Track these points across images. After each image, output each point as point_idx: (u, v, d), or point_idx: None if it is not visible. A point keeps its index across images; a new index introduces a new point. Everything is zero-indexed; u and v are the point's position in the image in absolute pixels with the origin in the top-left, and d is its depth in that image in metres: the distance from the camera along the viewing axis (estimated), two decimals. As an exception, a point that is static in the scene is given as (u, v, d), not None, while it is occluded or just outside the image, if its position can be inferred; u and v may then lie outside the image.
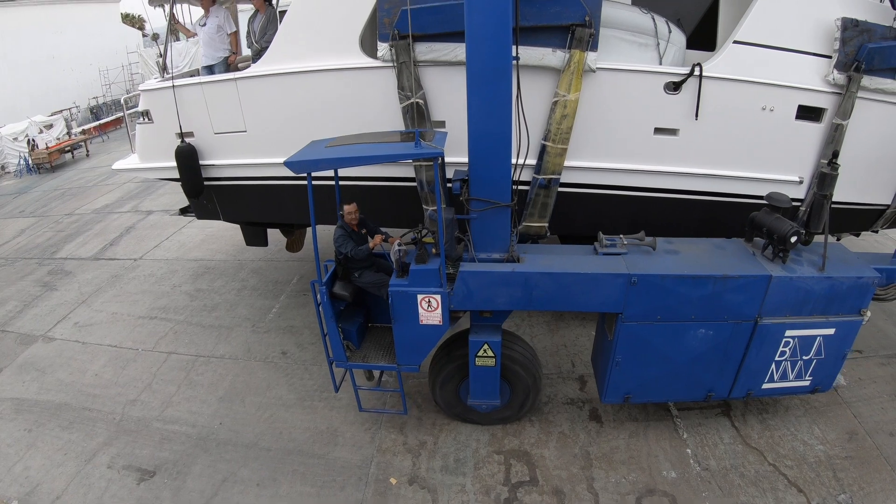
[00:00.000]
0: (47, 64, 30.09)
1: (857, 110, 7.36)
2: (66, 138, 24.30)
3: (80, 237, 14.92)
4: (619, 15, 7.19)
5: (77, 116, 28.69)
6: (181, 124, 8.15)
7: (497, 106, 5.79)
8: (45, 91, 29.13)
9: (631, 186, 7.64)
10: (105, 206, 17.19)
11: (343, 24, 7.21)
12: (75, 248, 14.17)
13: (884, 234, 10.02)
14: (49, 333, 10.20)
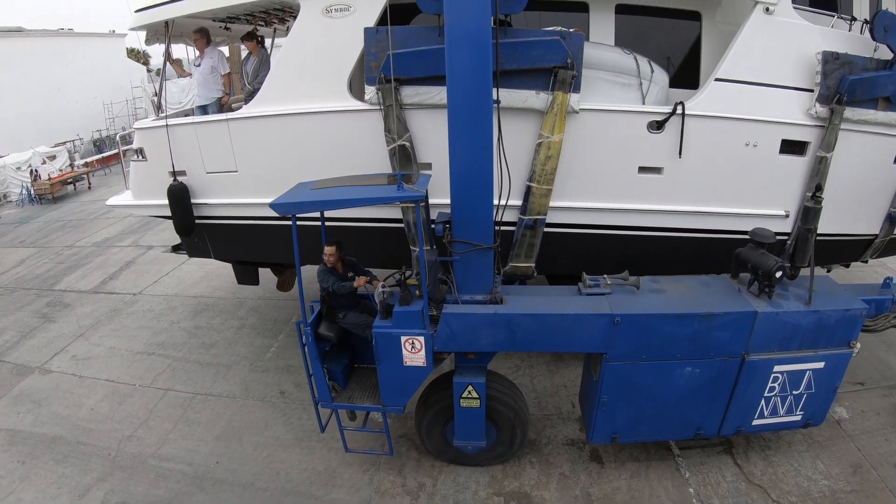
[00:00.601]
0: (53, 95, 30.63)
1: (840, 142, 7.47)
2: (68, 170, 24.62)
3: (79, 270, 15.01)
4: (601, 56, 7.29)
5: (80, 148, 29.09)
6: (174, 163, 8.27)
7: (478, 149, 5.90)
8: (50, 122, 29.62)
9: (617, 225, 7.70)
10: (105, 240, 17.32)
11: (332, 67, 7.35)
12: (75, 281, 14.23)
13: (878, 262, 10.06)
14: (46, 365, 10.20)
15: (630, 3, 7.83)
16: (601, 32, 7.88)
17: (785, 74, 7.39)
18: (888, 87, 7.46)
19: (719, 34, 7.93)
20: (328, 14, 7.22)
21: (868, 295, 7.10)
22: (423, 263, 6.03)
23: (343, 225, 7.68)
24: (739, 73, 7.27)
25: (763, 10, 7.18)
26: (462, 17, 5.70)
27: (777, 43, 7.31)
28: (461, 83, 5.78)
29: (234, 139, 7.93)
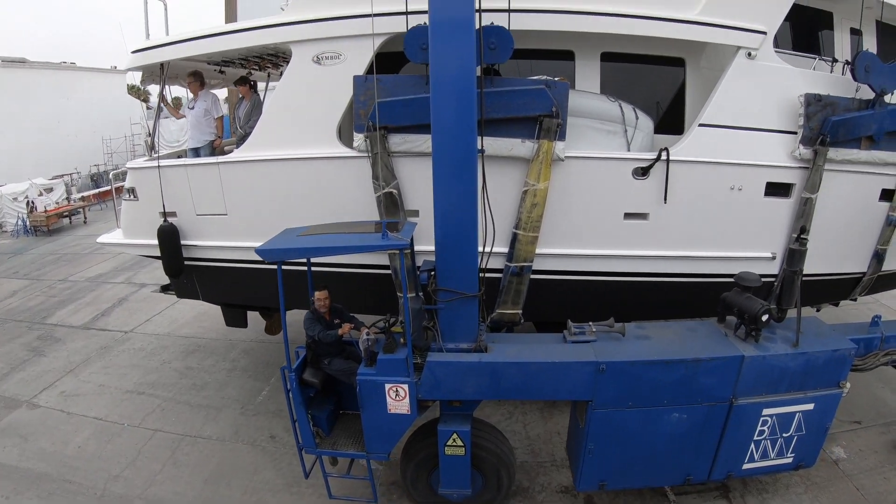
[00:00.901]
0: (52, 128, 30.84)
1: (825, 182, 7.60)
2: (65, 203, 24.70)
3: (72, 304, 14.97)
4: (586, 104, 7.41)
5: (77, 182, 29.20)
6: (165, 204, 8.31)
7: (463, 198, 5.99)
8: (49, 154, 29.76)
9: (604, 272, 7.75)
10: (99, 276, 17.31)
11: (322, 114, 7.46)
12: (67, 315, 14.19)
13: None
14: (34, 400, 10.11)
15: (615, 50, 7.95)
16: (587, 79, 8.00)
17: (768, 118, 7.54)
18: (871, 126, 7.63)
19: (703, 79, 8.06)
20: (319, 61, 7.36)
21: (856, 334, 7.16)
22: (407, 311, 6.06)
23: (331, 270, 7.70)
24: (723, 117, 7.41)
25: (745, 55, 7.37)
26: (447, 68, 5.85)
27: (759, 87, 7.49)
28: (446, 132, 5.90)
29: (224, 182, 8.00)
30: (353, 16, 7.07)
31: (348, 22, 7.15)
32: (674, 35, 7.31)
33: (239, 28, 7.94)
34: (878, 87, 7.56)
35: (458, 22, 5.82)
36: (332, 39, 7.29)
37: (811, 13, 8.55)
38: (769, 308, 6.31)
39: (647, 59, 8.08)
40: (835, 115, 7.40)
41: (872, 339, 7.24)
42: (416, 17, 6.57)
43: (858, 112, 7.59)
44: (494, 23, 6.57)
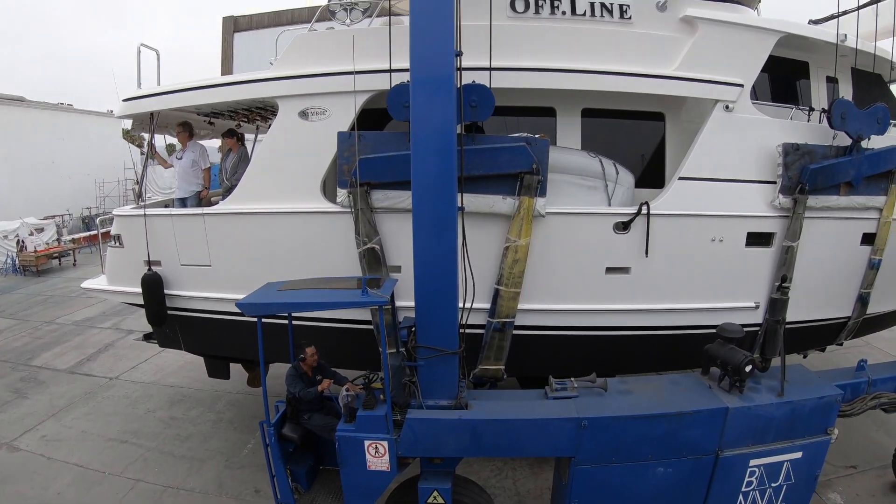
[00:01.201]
0: (46, 168, 30.98)
1: (806, 230, 7.72)
2: (55, 244, 24.67)
3: (57, 347, 14.82)
4: (566, 160, 7.53)
5: (69, 224, 29.20)
6: (150, 252, 8.33)
7: (443, 255, 6.03)
8: (41, 194, 29.85)
9: (586, 326, 7.75)
10: (86, 319, 17.18)
11: (306, 169, 7.55)
12: (51, 358, 14.03)
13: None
14: (14, 442, 9.90)
15: (595, 106, 8.13)
16: (568, 135, 8.17)
17: (747, 168, 7.70)
18: (849, 172, 7.79)
19: (683, 133, 8.23)
20: (305, 116, 7.49)
21: (842, 379, 7.22)
22: (386, 368, 6.06)
23: (314, 325, 7.70)
24: (702, 170, 7.57)
25: (723, 108, 7.59)
26: (427, 125, 5.99)
27: (738, 139, 7.66)
28: (426, 190, 6.00)
29: (209, 234, 8.04)
30: (337, 73, 7.23)
31: (333, 79, 7.31)
32: (652, 90, 7.52)
33: (227, 81, 8.14)
34: (854, 133, 7.76)
35: (438, 80, 5.97)
36: (317, 95, 7.44)
37: (788, 63, 8.83)
38: (752, 359, 6.33)
39: (628, 114, 8.27)
40: (813, 163, 7.57)
41: (859, 384, 7.30)
42: (400, 75, 6.71)
43: (836, 159, 7.76)
44: (476, 81, 6.73)
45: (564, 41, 7.49)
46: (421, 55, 5.99)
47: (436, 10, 5.98)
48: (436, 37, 5.96)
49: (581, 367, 7.08)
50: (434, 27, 5.96)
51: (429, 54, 5.98)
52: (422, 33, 5.99)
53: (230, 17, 28.06)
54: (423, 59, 5.99)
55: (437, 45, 5.96)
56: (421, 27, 6.00)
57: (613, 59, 7.43)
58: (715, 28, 7.61)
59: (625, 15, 7.61)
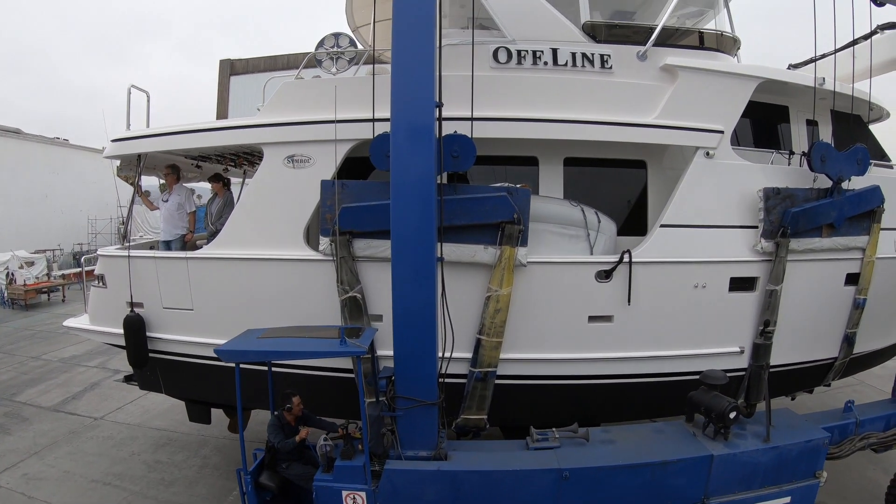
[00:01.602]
0: (39, 202, 30.95)
1: (789, 273, 7.74)
2: (45, 279, 24.50)
3: (42, 384, 14.62)
4: (548, 209, 7.57)
5: (59, 259, 29.02)
6: (132, 294, 8.27)
7: (421, 306, 6.05)
8: (33, 228, 29.79)
9: (569, 375, 7.68)
10: (73, 357, 16.98)
11: (290, 216, 7.57)
12: (36, 395, 13.82)
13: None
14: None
15: (577, 155, 8.21)
16: (551, 184, 8.23)
17: (729, 214, 7.75)
18: (830, 214, 7.85)
19: (666, 179, 8.31)
20: (289, 164, 7.53)
21: (830, 421, 7.18)
22: (364, 418, 6.02)
23: (296, 372, 7.65)
24: (684, 217, 7.61)
25: (703, 154, 7.66)
26: (406, 175, 6.06)
27: (719, 185, 7.74)
28: (405, 240, 6.05)
29: (192, 278, 8.01)
30: (321, 121, 7.31)
31: (317, 127, 7.39)
32: (634, 139, 7.61)
33: (214, 127, 8.21)
34: (834, 175, 7.86)
35: (418, 131, 6.08)
36: (301, 143, 7.50)
37: (768, 108, 8.98)
38: (736, 405, 6.32)
39: (610, 162, 8.35)
40: (794, 207, 7.64)
41: (847, 425, 7.28)
42: (383, 125, 6.72)
43: (818, 201, 7.82)
44: (458, 131, 6.80)
45: (546, 91, 7.61)
46: (401, 106, 6.09)
47: (416, 62, 6.11)
48: (416, 88, 6.08)
49: (565, 416, 7.05)
50: (414, 78, 6.09)
51: (409, 105, 6.09)
52: (402, 84, 6.10)
53: (227, 60, 28.48)
54: (404, 109, 6.10)
55: (417, 95, 6.07)
56: (401, 78, 6.12)
57: (595, 108, 7.54)
58: (695, 76, 7.74)
59: (606, 65, 7.75)
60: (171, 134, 8.25)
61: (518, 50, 7.67)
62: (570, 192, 8.23)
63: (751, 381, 6.81)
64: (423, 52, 6.08)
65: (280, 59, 26.74)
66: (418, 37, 6.13)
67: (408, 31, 6.16)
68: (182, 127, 8.23)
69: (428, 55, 6.07)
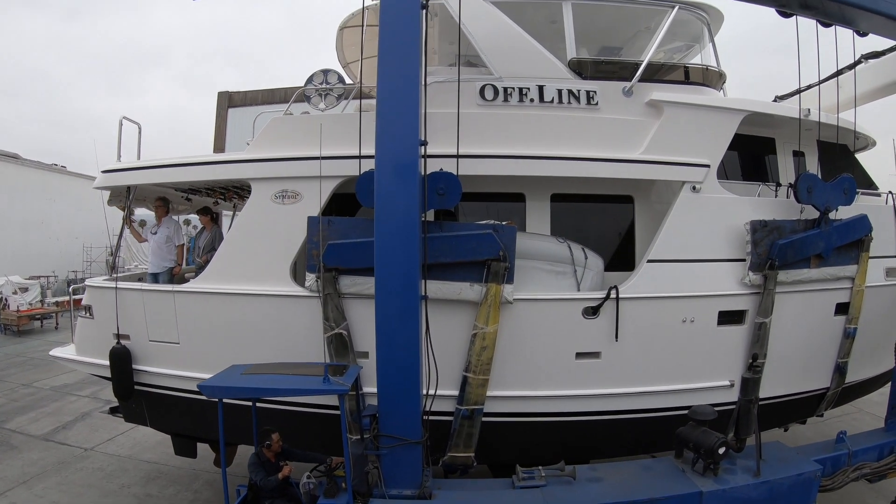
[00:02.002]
0: (35, 228, 30.89)
1: (778, 305, 7.73)
2: (38, 305, 24.33)
3: (32, 412, 14.45)
4: (535, 246, 7.58)
5: (53, 286, 28.82)
6: (119, 326, 8.23)
7: (405, 343, 6.09)
8: (28, 253, 29.69)
9: (557, 412, 7.61)
10: (64, 386, 16.79)
11: (277, 251, 7.56)
12: (26, 423, 13.67)
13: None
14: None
15: (564, 192, 8.25)
16: (537, 220, 8.26)
17: (716, 248, 7.76)
18: (818, 244, 7.87)
19: (654, 214, 8.34)
20: (277, 199, 7.55)
21: (822, 453, 7.14)
22: (347, 456, 6.00)
23: (281, 408, 7.60)
24: (671, 252, 7.62)
25: (690, 189, 7.69)
26: (390, 214, 6.14)
27: (705, 219, 7.75)
28: (388, 278, 6.10)
29: (178, 311, 7.98)
30: (308, 157, 7.32)
31: (304, 163, 7.40)
32: (620, 175, 7.65)
33: (203, 161, 8.21)
34: (821, 205, 7.88)
35: (402, 168, 6.17)
36: (289, 179, 7.53)
37: (754, 141, 9.05)
38: (725, 440, 6.27)
39: (597, 198, 8.39)
40: (781, 239, 7.64)
41: (839, 457, 7.23)
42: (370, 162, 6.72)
43: (805, 232, 7.84)
44: (443, 168, 6.83)
45: (533, 128, 7.67)
46: (386, 144, 6.17)
47: (400, 100, 6.20)
48: (400, 126, 6.17)
49: (554, 454, 7.01)
50: (399, 116, 6.17)
51: (393, 143, 6.17)
52: (387, 122, 6.19)
53: (225, 93, 28.50)
54: (388, 147, 6.18)
55: (402, 133, 6.16)
56: (386, 116, 6.21)
57: (581, 144, 7.59)
58: (680, 110, 7.81)
59: (592, 101, 7.81)
60: (159, 167, 8.30)
61: (504, 87, 7.75)
62: (558, 229, 8.25)
63: (740, 416, 6.77)
64: (408, 91, 6.18)
65: (278, 92, 26.71)
66: (403, 75, 6.23)
67: (392, 70, 6.27)
68: (171, 160, 8.27)
69: (412, 93, 6.16)
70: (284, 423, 7.10)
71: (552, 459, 6.77)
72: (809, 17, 8.09)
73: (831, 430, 10.72)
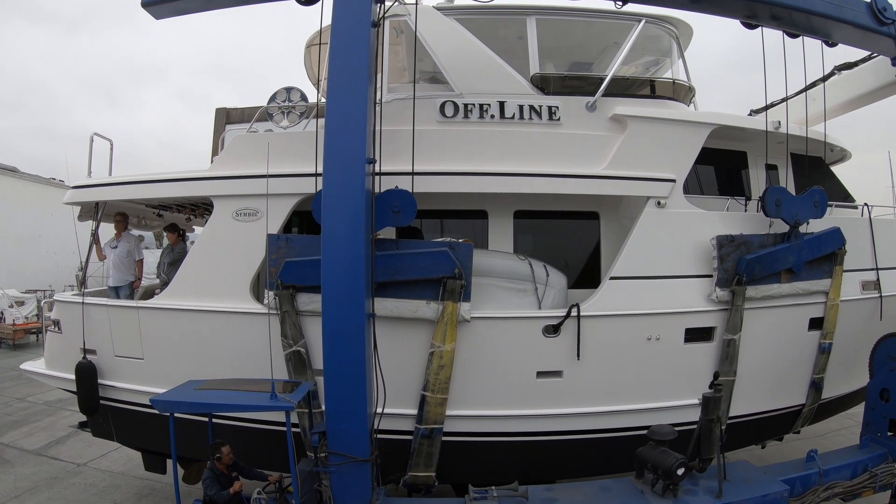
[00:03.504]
0: (32, 242, 30.72)
1: (748, 321, 7.59)
2: (34, 320, 24.28)
3: (26, 426, 14.42)
4: (494, 263, 7.49)
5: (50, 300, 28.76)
6: (86, 341, 8.24)
7: (351, 362, 6.08)
8: (25, 267, 29.57)
9: (518, 432, 7.48)
10: (59, 400, 16.62)
11: (237, 269, 7.57)
12: (19, 437, 13.64)
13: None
14: None
15: (527, 208, 8.18)
16: (500, 238, 8.16)
17: (682, 263, 7.64)
18: (788, 259, 7.73)
19: (620, 230, 8.21)
20: (237, 217, 7.56)
21: (791, 472, 7.00)
22: (294, 474, 5.99)
23: (237, 424, 7.58)
24: (635, 268, 7.52)
25: (654, 204, 7.59)
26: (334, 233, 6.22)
27: (671, 234, 7.65)
28: (332, 297, 6.13)
29: (143, 327, 7.99)
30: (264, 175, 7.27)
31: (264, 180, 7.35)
32: (581, 191, 7.58)
33: (167, 178, 8.22)
34: (791, 218, 7.77)
35: (346, 186, 6.19)
36: (249, 196, 7.54)
37: (726, 154, 8.93)
38: (684, 461, 6.15)
39: (561, 214, 8.32)
40: (749, 254, 7.51)
41: (810, 476, 7.07)
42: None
43: (774, 247, 7.70)
44: (399, 186, 6.81)
45: (493, 144, 7.62)
46: (331, 161, 6.20)
47: (347, 118, 6.22)
48: (345, 144, 6.19)
49: (516, 474, 6.92)
50: (344, 134, 6.20)
51: (338, 161, 6.19)
52: (332, 140, 6.21)
53: (223, 109, 28.52)
54: (333, 165, 6.19)
55: (347, 151, 6.19)
56: (332, 134, 6.23)
57: (543, 160, 7.53)
58: (644, 125, 7.73)
59: (553, 116, 7.76)
60: (126, 184, 8.37)
61: (465, 103, 7.72)
62: (521, 246, 8.18)
63: (701, 435, 6.61)
64: (354, 108, 6.22)
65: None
66: (350, 93, 6.26)
67: (340, 88, 6.31)
68: (136, 177, 8.35)
69: (358, 111, 6.20)
70: (244, 440, 7.12)
71: (514, 479, 6.67)
72: (776, 28, 8.02)
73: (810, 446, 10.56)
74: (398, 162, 6.88)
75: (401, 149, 6.92)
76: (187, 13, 7.47)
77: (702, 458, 6.63)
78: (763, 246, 7.67)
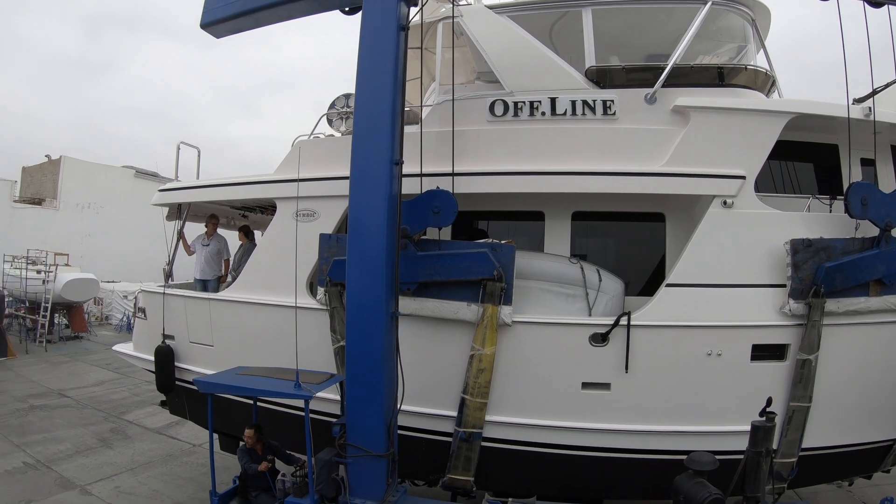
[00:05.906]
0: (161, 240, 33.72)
1: (829, 339, 6.66)
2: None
3: (150, 407, 15.25)
4: (544, 266, 7.22)
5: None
6: (165, 327, 9.04)
7: (371, 358, 6.21)
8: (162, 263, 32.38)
9: (560, 444, 7.04)
10: (184, 385, 18.14)
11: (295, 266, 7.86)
12: (143, 416, 14.76)
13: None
14: (88, 487, 10.18)
15: (587, 209, 7.76)
16: (557, 240, 7.80)
17: (751, 271, 6.85)
18: (878, 268, 6.72)
19: (688, 233, 7.40)
20: (297, 217, 7.84)
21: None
22: (310, 460, 6.21)
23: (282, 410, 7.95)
24: (695, 275, 6.85)
25: (720, 203, 6.88)
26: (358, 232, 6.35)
27: (739, 237, 6.88)
28: (355, 294, 6.31)
29: (213, 317, 8.64)
30: (322, 178, 7.66)
31: (321, 183, 7.71)
32: (636, 189, 7.09)
33: (238, 181, 8.82)
34: (881, 220, 6.75)
35: (372, 187, 6.29)
36: (307, 198, 7.81)
37: (812, 148, 7.91)
38: (719, 496, 5.48)
39: (623, 216, 7.84)
40: (830, 261, 6.57)
41: None
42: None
43: (860, 254, 6.70)
44: (440, 187, 6.79)
45: (544, 142, 7.36)
46: (357, 164, 6.36)
47: (373, 120, 6.33)
48: (371, 145, 6.31)
49: (557, 488, 6.80)
50: (371, 136, 6.31)
51: (364, 163, 6.31)
52: (359, 141, 6.37)
53: None
54: (359, 167, 6.34)
55: (372, 153, 6.31)
56: (359, 136, 6.39)
57: (596, 157, 7.13)
58: (708, 116, 7.07)
59: (609, 111, 7.33)
60: (201, 187, 9.18)
61: (515, 102, 7.50)
62: (580, 249, 7.80)
63: (747, 469, 5.87)
64: (381, 111, 6.30)
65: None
66: (376, 96, 6.34)
67: (367, 91, 6.43)
68: (211, 181, 9.09)
69: (384, 113, 6.28)
70: (286, 424, 7.54)
71: (557, 495, 6.53)
72: None
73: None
74: (449, 163, 6.89)
75: (447, 150, 6.94)
76: (241, 31, 7.77)
77: (746, 497, 5.95)
78: (847, 252, 6.67)
